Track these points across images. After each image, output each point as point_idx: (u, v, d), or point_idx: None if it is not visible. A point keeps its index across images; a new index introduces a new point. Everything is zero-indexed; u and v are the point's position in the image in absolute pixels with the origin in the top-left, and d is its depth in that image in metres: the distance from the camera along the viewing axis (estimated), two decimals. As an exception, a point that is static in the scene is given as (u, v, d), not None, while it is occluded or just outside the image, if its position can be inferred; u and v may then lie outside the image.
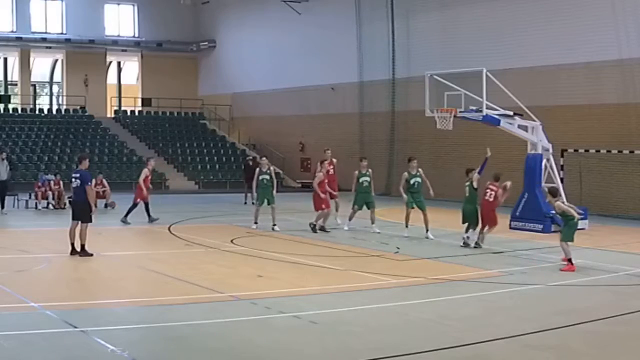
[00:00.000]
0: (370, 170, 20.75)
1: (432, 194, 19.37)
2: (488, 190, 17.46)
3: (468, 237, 17.58)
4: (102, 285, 12.52)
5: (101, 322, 10.38)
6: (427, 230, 19.13)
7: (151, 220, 21.60)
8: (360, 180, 20.51)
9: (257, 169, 21.56)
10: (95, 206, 15.69)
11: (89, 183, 15.41)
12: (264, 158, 22.38)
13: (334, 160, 21.97)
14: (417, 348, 8.99)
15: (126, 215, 21.45)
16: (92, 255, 14.75)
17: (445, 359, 8.82)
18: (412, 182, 19.30)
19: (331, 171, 21.39)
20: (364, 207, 20.50)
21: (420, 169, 19.60)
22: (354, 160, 36.17)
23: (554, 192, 15.74)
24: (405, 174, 19.42)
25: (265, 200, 20.83)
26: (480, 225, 17.53)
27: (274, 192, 20.93)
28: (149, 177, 22.26)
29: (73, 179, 15.43)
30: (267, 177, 20.96)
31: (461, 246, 17.47)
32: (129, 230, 20.56)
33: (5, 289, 11.79)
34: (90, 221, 15.26)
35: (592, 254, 17.07)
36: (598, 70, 26.34)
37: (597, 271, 14.66)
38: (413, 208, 19.27)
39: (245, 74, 44.00)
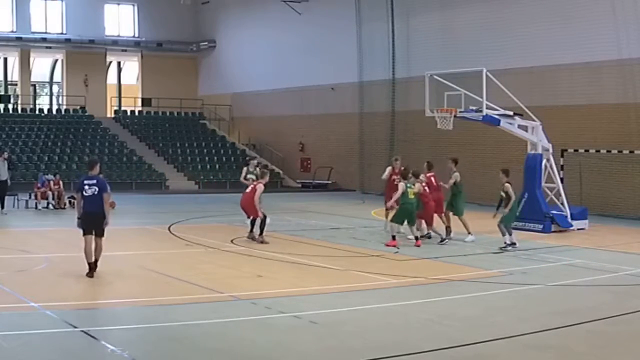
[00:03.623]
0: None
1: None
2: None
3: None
4: (102, 285, 12.52)
5: (101, 322, 10.40)
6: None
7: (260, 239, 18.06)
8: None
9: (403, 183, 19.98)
10: (106, 222, 13.46)
11: (108, 191, 13.44)
12: (398, 160, 20.25)
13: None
14: (417, 348, 8.99)
15: (261, 234, 18.02)
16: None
17: (445, 359, 8.82)
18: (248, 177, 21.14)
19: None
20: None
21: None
22: (354, 160, 36.55)
23: (405, 174, 17.77)
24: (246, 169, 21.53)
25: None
26: None
27: None
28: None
29: (87, 187, 13.20)
30: None
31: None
32: (128, 230, 20.54)
33: (5, 289, 11.79)
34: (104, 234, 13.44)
35: (592, 254, 17.09)
36: (598, 70, 26.34)
37: (597, 271, 14.66)
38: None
39: (245, 74, 44.01)
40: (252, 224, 18.31)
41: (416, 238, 17.75)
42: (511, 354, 9.06)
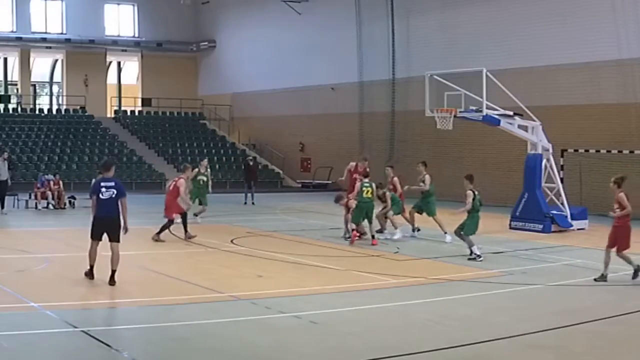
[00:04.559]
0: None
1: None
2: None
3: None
4: (102, 285, 12.50)
5: (101, 322, 10.41)
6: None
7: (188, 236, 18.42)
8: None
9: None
10: (126, 228, 12.79)
11: (126, 195, 12.81)
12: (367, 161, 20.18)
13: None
14: (417, 348, 8.99)
15: (159, 233, 18.11)
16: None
17: (445, 359, 8.82)
18: (198, 178, 21.84)
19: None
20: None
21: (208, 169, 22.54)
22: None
23: (366, 174, 18.24)
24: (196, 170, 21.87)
25: None
26: None
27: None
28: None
29: (104, 189, 12.55)
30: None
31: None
32: (128, 230, 20.49)
33: (5, 289, 11.79)
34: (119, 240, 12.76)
35: (592, 254, 17.04)
36: (598, 70, 26.35)
37: (597, 271, 14.61)
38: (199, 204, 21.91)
39: (245, 74, 44.00)
40: (184, 222, 18.41)
41: (372, 237, 17.97)
42: (511, 354, 9.06)
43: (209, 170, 22.79)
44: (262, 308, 10.93)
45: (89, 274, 12.74)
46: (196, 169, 22.29)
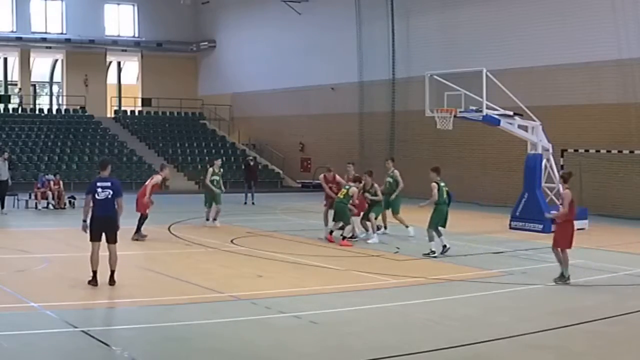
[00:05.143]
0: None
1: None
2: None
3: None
4: (102, 286, 12.50)
5: (101, 322, 10.41)
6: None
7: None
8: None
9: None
10: (117, 226, 12.73)
11: (122, 195, 12.59)
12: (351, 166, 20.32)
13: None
14: (417, 348, 8.99)
15: (137, 231, 18.15)
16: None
17: (445, 359, 8.82)
18: (212, 179, 21.61)
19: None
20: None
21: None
22: (354, 160, 36.45)
23: (355, 178, 18.53)
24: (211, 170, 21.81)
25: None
26: None
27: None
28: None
29: (100, 189, 12.36)
30: None
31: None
32: (128, 230, 20.47)
33: (5, 289, 11.79)
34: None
35: (592, 254, 17.06)
36: (598, 70, 26.34)
37: (597, 271, 14.66)
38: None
39: (245, 74, 43.99)
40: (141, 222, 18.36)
41: (345, 237, 17.95)
42: (511, 354, 9.06)
43: (221, 170, 22.62)
44: (262, 308, 10.93)
45: (93, 281, 12.30)
46: (210, 169, 22.13)
